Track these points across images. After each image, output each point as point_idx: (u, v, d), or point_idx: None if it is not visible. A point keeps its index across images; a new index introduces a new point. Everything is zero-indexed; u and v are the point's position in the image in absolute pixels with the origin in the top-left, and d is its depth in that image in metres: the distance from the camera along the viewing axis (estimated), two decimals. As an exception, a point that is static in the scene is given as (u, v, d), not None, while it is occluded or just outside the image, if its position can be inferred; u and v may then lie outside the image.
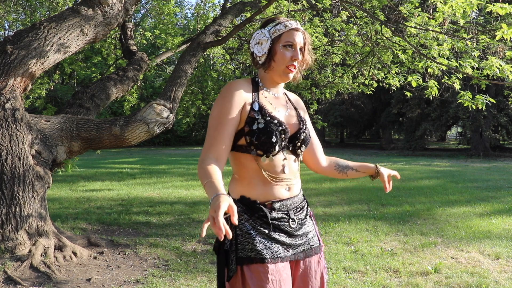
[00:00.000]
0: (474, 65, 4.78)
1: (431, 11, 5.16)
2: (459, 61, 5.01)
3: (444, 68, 5.18)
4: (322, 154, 1.78)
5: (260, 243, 1.47)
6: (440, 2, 4.43)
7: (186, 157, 17.60)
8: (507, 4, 3.95)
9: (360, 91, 8.20)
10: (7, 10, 7.72)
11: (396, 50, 6.03)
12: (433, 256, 4.12)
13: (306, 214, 1.63)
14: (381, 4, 5.72)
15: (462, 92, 4.82)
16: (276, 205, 1.52)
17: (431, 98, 5.93)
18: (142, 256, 4.11)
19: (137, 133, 4.25)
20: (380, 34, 5.67)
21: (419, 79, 5.50)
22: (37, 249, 3.64)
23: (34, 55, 3.74)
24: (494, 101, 4.63)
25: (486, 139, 19.59)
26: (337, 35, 7.42)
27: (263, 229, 1.49)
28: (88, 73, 10.04)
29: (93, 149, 4.56)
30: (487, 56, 4.78)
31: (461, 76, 5.48)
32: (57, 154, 4.05)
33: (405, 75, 6.29)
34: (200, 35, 5.79)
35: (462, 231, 5.03)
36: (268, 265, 1.45)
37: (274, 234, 1.50)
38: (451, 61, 5.00)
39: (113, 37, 7.67)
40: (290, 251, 1.53)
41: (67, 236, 4.25)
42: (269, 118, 1.50)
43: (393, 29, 5.43)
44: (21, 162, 3.70)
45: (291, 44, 1.54)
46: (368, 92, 7.95)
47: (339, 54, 7.35)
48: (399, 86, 6.62)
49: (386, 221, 5.64)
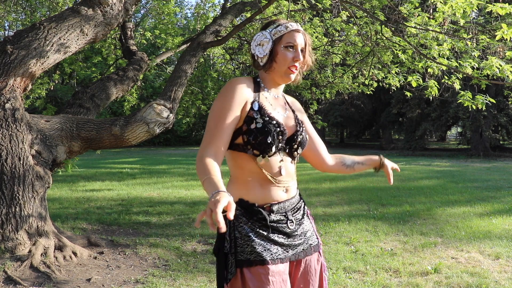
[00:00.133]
0: (474, 65, 4.78)
1: (431, 11, 5.16)
2: (459, 61, 5.01)
3: (444, 68, 5.18)
4: (326, 152, 1.80)
5: (259, 245, 1.47)
6: (440, 2, 4.43)
7: (186, 157, 17.60)
8: (507, 4, 3.95)
9: (360, 91, 8.20)
10: (7, 10, 7.72)
11: (396, 50, 6.03)
12: (433, 256, 4.12)
13: (303, 214, 1.63)
14: (381, 4, 5.72)
15: (462, 92, 4.82)
16: (274, 207, 1.52)
17: (431, 98, 5.93)
18: (142, 256, 4.11)
19: (137, 133, 4.25)
20: (380, 34, 5.68)
21: (419, 79, 5.50)
22: (37, 249, 3.64)
23: (34, 55, 3.74)
24: (494, 101, 4.63)
25: (486, 139, 19.60)
26: (337, 35, 7.42)
27: (262, 231, 1.49)
28: (88, 73, 10.05)
29: (93, 149, 4.56)
30: (487, 56, 4.78)
31: (461, 76, 5.48)
32: (57, 154, 4.05)
33: (405, 75, 6.29)
34: (200, 35, 5.80)
35: (462, 231, 5.03)
36: (268, 266, 1.46)
37: (273, 236, 1.50)
38: (451, 61, 5.00)
39: (113, 37, 7.67)
40: (290, 252, 1.54)
41: (67, 236, 4.25)
42: (267, 119, 1.50)
43: (393, 29, 5.43)
44: (21, 162, 3.70)
45: (292, 45, 1.55)
46: (368, 92, 7.95)
47: (339, 54, 7.35)
48: (399, 86, 6.62)
49: (386, 221, 5.64)
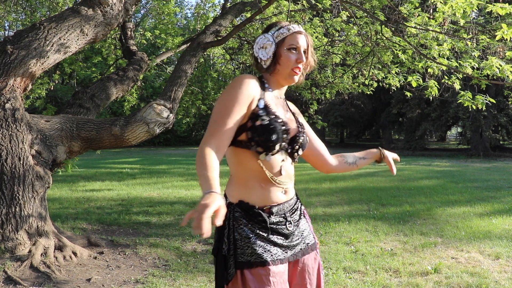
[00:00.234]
0: (474, 65, 4.78)
1: (431, 11, 5.16)
2: (459, 61, 5.01)
3: (444, 68, 5.18)
4: (328, 154, 1.82)
5: (259, 247, 1.47)
6: (440, 2, 4.43)
7: (186, 157, 17.60)
8: (507, 4, 3.95)
9: (360, 91, 8.20)
10: (7, 10, 7.72)
11: (396, 50, 6.03)
12: (433, 256, 4.12)
13: (300, 214, 1.65)
14: (381, 4, 5.72)
15: (462, 92, 4.82)
16: (274, 209, 1.53)
17: (431, 98, 5.93)
18: (142, 256, 4.11)
19: (137, 133, 4.25)
20: (380, 34, 5.67)
21: (419, 79, 5.50)
22: (37, 249, 3.64)
23: (34, 55, 3.74)
24: (494, 101, 4.63)
25: (486, 139, 19.60)
26: (337, 35, 7.42)
27: (261, 232, 1.50)
28: (88, 73, 10.05)
29: (93, 149, 4.56)
30: (487, 56, 4.78)
31: (461, 76, 5.48)
32: (57, 154, 4.05)
33: (405, 75, 6.29)
34: (200, 35, 5.80)
35: (462, 231, 5.03)
36: (269, 267, 1.46)
37: (272, 238, 1.51)
38: (451, 61, 5.00)
39: (113, 37, 7.67)
40: (289, 252, 1.55)
41: (67, 236, 4.25)
42: (273, 117, 1.50)
43: (393, 29, 5.43)
44: (21, 162, 3.70)
45: (295, 47, 1.56)
46: (368, 92, 7.95)
47: (339, 54, 7.35)
48: (399, 86, 6.62)
49: (386, 221, 5.64)
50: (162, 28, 8.40)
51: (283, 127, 1.51)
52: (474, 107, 4.74)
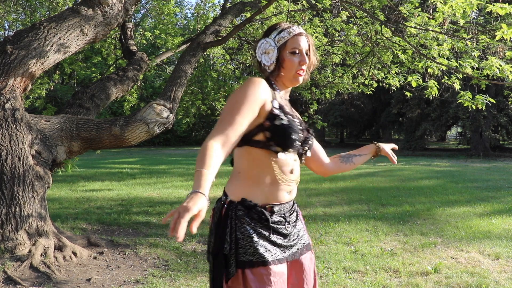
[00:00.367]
0: (474, 65, 4.78)
1: (431, 11, 5.16)
2: (459, 61, 5.01)
3: (444, 68, 5.18)
4: (326, 156, 1.83)
5: (261, 247, 1.47)
6: (440, 2, 4.43)
7: (186, 157, 17.60)
8: (507, 4, 3.95)
9: (360, 91, 8.19)
10: (7, 10, 7.72)
11: (396, 50, 6.03)
12: (433, 256, 4.12)
13: (297, 215, 1.66)
14: (381, 4, 5.72)
15: (462, 92, 4.82)
16: (275, 208, 1.54)
17: (431, 98, 5.93)
18: (142, 256, 4.11)
19: (137, 133, 4.25)
20: (380, 34, 5.67)
21: (419, 79, 5.50)
22: (37, 249, 3.64)
23: (34, 55, 3.74)
24: (494, 101, 4.63)
25: (486, 139, 19.60)
26: (337, 35, 7.42)
27: (263, 231, 1.50)
28: (88, 73, 10.04)
29: (93, 149, 4.56)
30: (487, 56, 4.78)
31: (461, 76, 5.48)
32: (57, 154, 4.05)
33: (405, 75, 6.29)
34: (200, 35, 5.79)
35: (462, 231, 5.03)
36: (270, 267, 1.47)
37: (272, 237, 1.51)
38: (451, 61, 5.00)
39: (113, 37, 7.66)
40: (287, 252, 1.56)
41: (67, 236, 4.25)
42: (290, 117, 1.53)
43: (393, 29, 5.43)
44: (21, 162, 3.70)
45: (298, 50, 1.58)
46: (368, 92, 7.95)
47: (339, 54, 7.34)
48: (399, 86, 6.62)
49: (386, 221, 5.64)
50: (162, 28, 8.39)
51: (300, 127, 1.55)
52: (474, 107, 4.74)
